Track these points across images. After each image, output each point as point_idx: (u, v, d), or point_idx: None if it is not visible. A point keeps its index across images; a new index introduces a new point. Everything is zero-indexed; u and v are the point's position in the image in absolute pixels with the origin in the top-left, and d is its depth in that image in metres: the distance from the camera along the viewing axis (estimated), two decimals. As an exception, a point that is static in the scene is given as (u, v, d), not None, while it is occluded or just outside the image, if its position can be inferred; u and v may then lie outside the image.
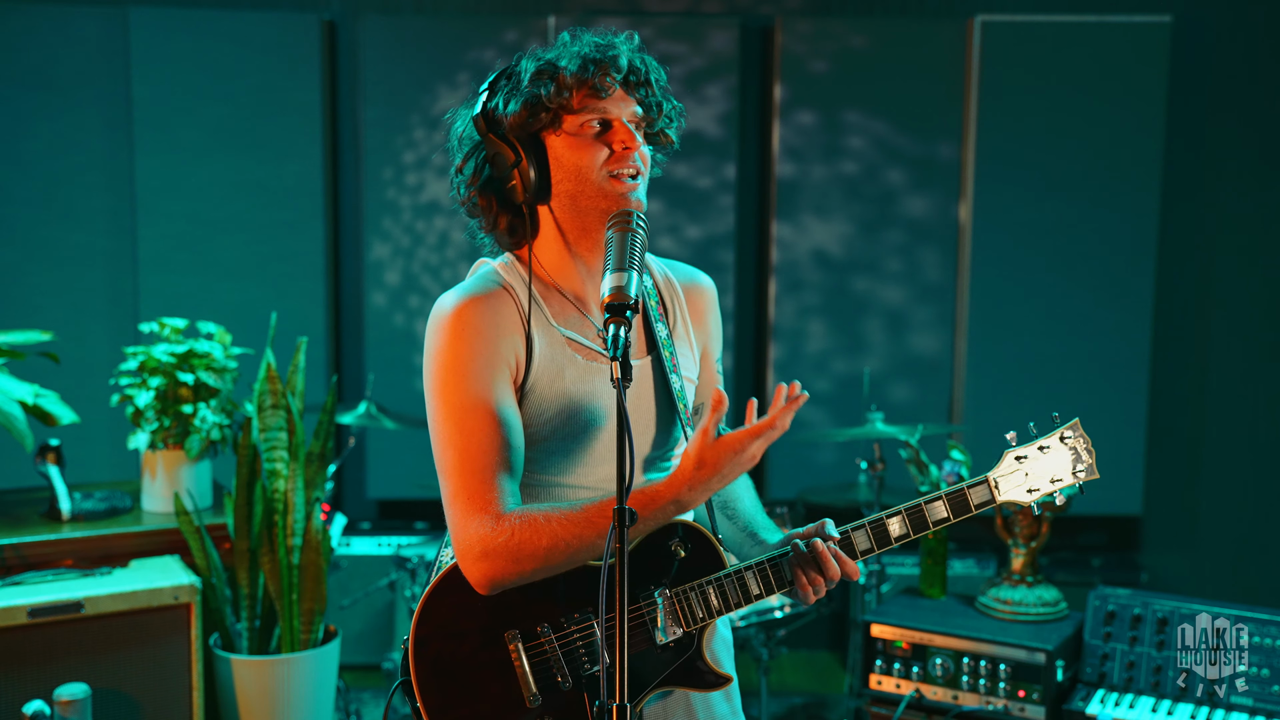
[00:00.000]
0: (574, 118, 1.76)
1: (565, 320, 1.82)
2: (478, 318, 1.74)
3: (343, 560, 4.42)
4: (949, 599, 3.19)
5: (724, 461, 1.63)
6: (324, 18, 4.68)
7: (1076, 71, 4.57)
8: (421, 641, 1.76)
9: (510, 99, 1.76)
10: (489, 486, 1.69)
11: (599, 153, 1.76)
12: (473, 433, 1.70)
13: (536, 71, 1.75)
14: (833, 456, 4.71)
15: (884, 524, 1.78)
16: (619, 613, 1.50)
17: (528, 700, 1.74)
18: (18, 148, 4.58)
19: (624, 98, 1.78)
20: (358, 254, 4.78)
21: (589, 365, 1.81)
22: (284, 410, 3.34)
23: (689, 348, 1.95)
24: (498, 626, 1.75)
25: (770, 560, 1.77)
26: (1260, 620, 2.70)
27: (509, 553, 1.66)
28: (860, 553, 1.78)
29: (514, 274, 1.83)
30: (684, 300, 1.96)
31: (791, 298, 4.73)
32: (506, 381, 1.75)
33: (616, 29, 1.84)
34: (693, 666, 1.77)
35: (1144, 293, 4.63)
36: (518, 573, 1.68)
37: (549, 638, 1.75)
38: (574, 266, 1.84)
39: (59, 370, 3.73)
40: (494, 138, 1.78)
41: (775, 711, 4.28)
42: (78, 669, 2.96)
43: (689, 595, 1.75)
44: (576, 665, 1.75)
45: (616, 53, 1.76)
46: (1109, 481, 4.77)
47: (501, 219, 1.83)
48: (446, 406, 1.72)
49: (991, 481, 1.79)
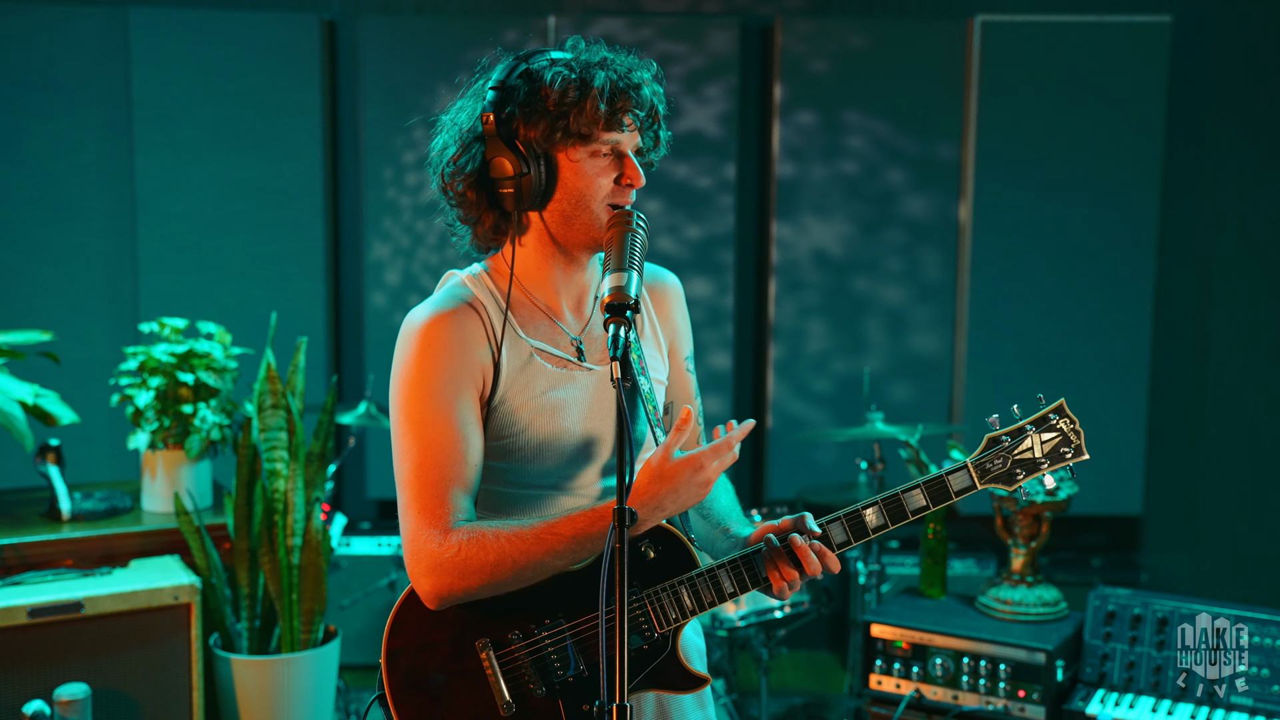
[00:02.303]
0: (590, 144, 1.75)
1: (535, 330, 1.83)
2: (445, 334, 1.74)
3: (343, 560, 4.42)
4: (949, 599, 3.19)
5: (680, 477, 1.64)
6: (324, 18, 4.68)
7: (1076, 71, 4.57)
8: (394, 654, 1.77)
9: (530, 112, 1.74)
10: (441, 501, 1.70)
11: (604, 183, 1.77)
12: (430, 447, 1.71)
13: (563, 90, 1.72)
14: (833, 456, 4.71)
15: (860, 515, 1.76)
16: (619, 614, 1.50)
17: (501, 709, 1.74)
18: (18, 148, 4.58)
19: (634, 129, 1.79)
20: (358, 254, 4.78)
21: (559, 373, 1.81)
22: (284, 410, 3.34)
23: (656, 349, 1.96)
24: (468, 636, 1.76)
25: (743, 557, 1.76)
26: (1260, 620, 2.70)
27: (455, 568, 1.67)
28: (837, 545, 1.76)
29: (482, 287, 1.83)
30: (649, 301, 1.97)
31: (791, 298, 4.73)
32: (470, 399, 1.75)
33: (626, 44, 1.84)
34: (668, 668, 1.77)
35: (1144, 293, 4.63)
36: (464, 588, 1.68)
37: (519, 645, 1.76)
38: (550, 275, 1.84)
39: (59, 370, 3.73)
40: (501, 142, 1.75)
41: (775, 711, 4.28)
42: (78, 669, 2.96)
43: (660, 596, 1.75)
44: (549, 672, 1.75)
45: (638, 82, 1.76)
46: (1109, 481, 4.80)
47: (487, 217, 1.82)
48: (408, 420, 1.73)
49: (971, 467, 1.75)
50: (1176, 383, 4.84)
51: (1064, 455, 1.75)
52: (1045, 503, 2.94)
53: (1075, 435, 1.75)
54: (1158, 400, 4.79)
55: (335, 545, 3.61)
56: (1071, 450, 1.75)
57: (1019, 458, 1.75)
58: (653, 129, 1.83)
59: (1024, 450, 1.75)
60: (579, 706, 1.75)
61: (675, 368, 2.00)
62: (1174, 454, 4.85)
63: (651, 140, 1.84)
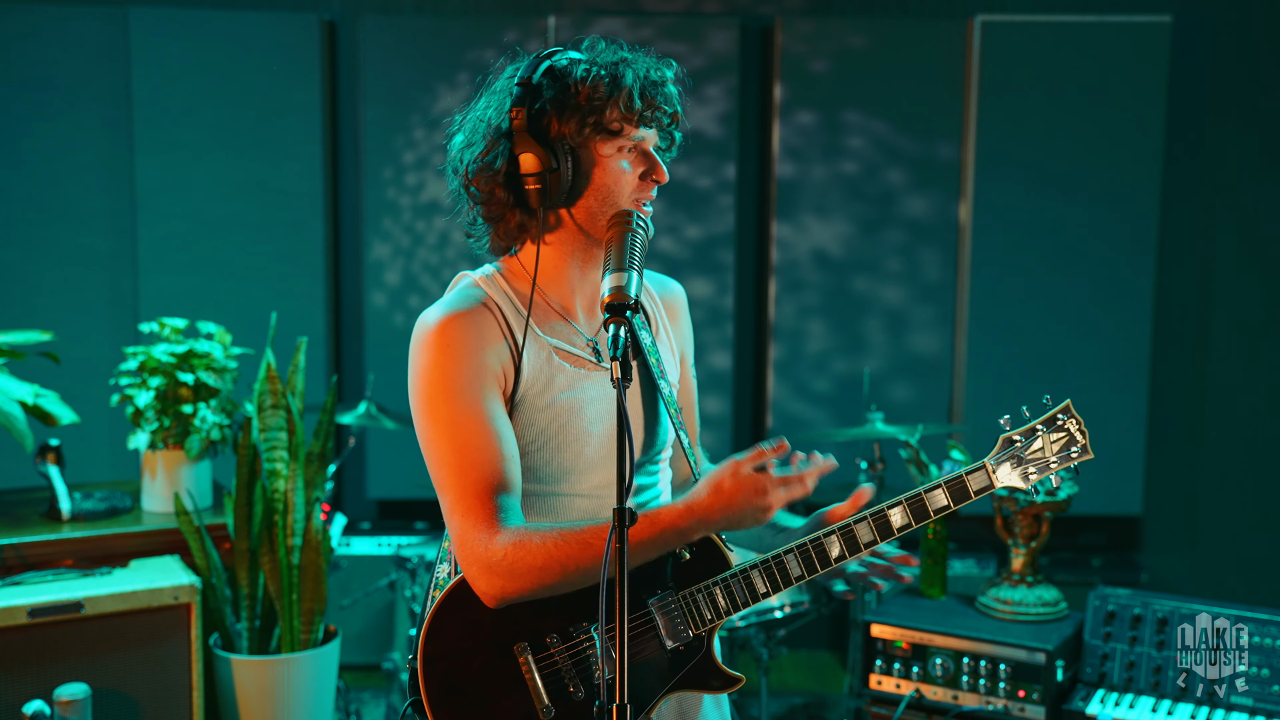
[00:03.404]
0: (617, 140, 1.76)
1: (551, 329, 1.82)
2: (461, 332, 1.73)
3: (343, 560, 4.42)
4: (949, 599, 3.19)
5: (739, 495, 1.66)
6: (324, 18, 4.68)
7: (1076, 71, 4.57)
8: (430, 660, 1.75)
9: (563, 108, 1.74)
10: (485, 502, 1.69)
11: (630, 179, 1.78)
12: (464, 447, 1.70)
13: (594, 86, 1.73)
14: (832, 456, 4.70)
15: (885, 515, 1.80)
16: (619, 617, 1.50)
17: (540, 712, 1.73)
18: (18, 148, 4.58)
19: (658, 127, 1.80)
20: (358, 254, 4.78)
21: (577, 373, 1.81)
22: (284, 410, 3.34)
23: (671, 353, 1.97)
24: (506, 640, 1.75)
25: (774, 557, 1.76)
26: (1260, 620, 2.70)
27: (506, 569, 1.66)
28: (864, 545, 1.78)
29: (495, 288, 1.82)
30: (662, 308, 1.99)
31: (791, 298, 4.73)
32: (496, 394, 1.75)
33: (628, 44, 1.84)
34: (703, 669, 1.77)
35: (1144, 293, 4.63)
36: (517, 589, 1.68)
37: (558, 648, 1.75)
38: (566, 276, 1.84)
39: (59, 370, 3.73)
40: (530, 138, 1.74)
41: (775, 711, 4.28)
42: (78, 669, 2.95)
43: (696, 597, 1.75)
44: (588, 674, 1.75)
45: (662, 80, 1.78)
46: (1109, 481, 4.80)
47: (513, 216, 1.80)
48: (438, 423, 1.72)
49: (989, 467, 1.79)
50: (1176, 383, 4.84)
51: (1071, 455, 1.79)
52: (1045, 503, 2.94)
53: (1081, 435, 1.79)
54: (1158, 400, 4.78)
55: (335, 545, 3.60)
56: (1078, 449, 1.79)
57: (1031, 457, 1.79)
58: (672, 128, 1.83)
59: (1035, 450, 1.79)
60: None
61: (684, 375, 2.02)
62: (1174, 454, 4.85)
63: (668, 140, 1.85)
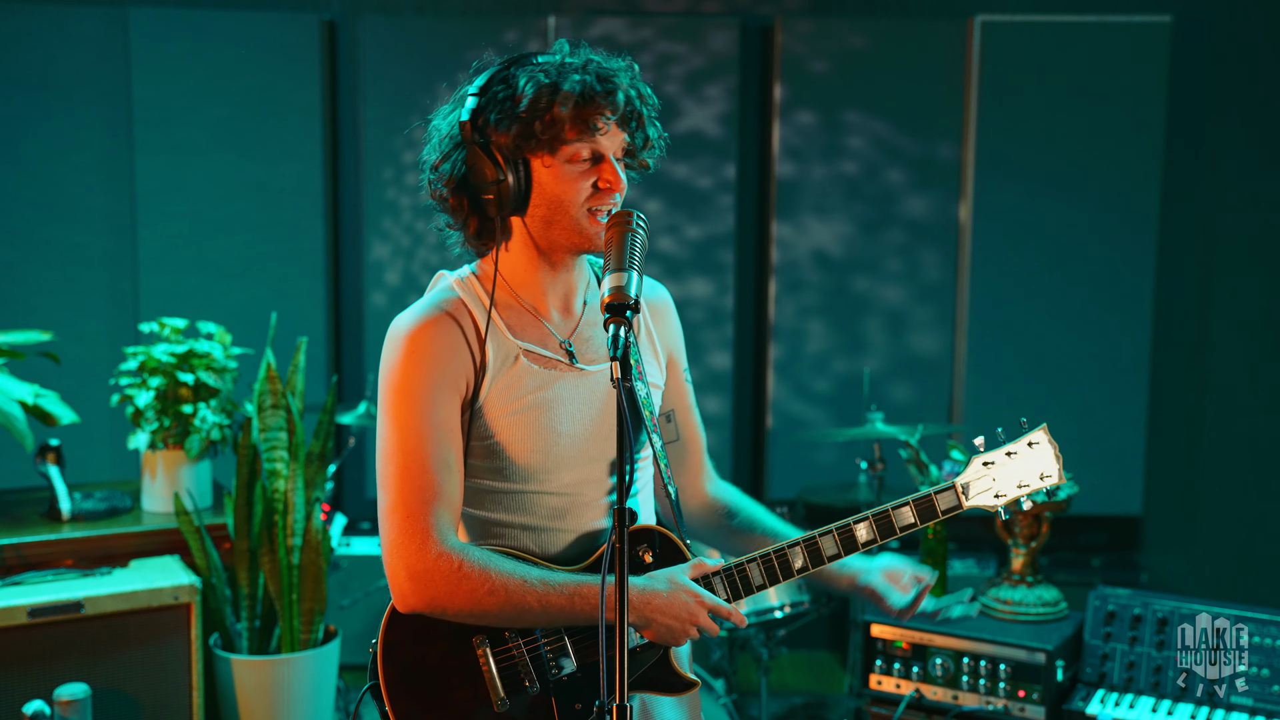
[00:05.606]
0: (565, 148, 1.75)
1: (523, 331, 1.83)
2: (430, 342, 1.76)
3: (343, 560, 4.42)
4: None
5: (677, 602, 1.73)
6: (324, 18, 4.68)
7: (1076, 71, 4.57)
8: (390, 646, 1.77)
9: (502, 118, 1.74)
10: (426, 509, 1.71)
11: (583, 187, 1.77)
12: (416, 452, 1.73)
13: (534, 96, 1.72)
14: (833, 456, 4.71)
15: (851, 530, 1.83)
16: (619, 620, 1.52)
17: (495, 704, 1.76)
18: (18, 148, 4.58)
19: (616, 131, 1.78)
20: (358, 254, 4.78)
21: (547, 374, 1.82)
22: (284, 410, 3.34)
23: (654, 357, 1.98)
24: (465, 631, 1.77)
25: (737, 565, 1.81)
26: (1260, 620, 2.70)
27: (428, 579, 1.69)
28: (827, 557, 1.83)
29: (468, 290, 1.84)
30: (646, 311, 1.99)
31: (791, 298, 4.73)
32: (455, 407, 1.77)
33: (619, 47, 1.84)
34: (661, 670, 1.81)
35: (1144, 293, 4.63)
36: (428, 603, 1.71)
37: (517, 643, 1.78)
38: (536, 277, 1.85)
39: (59, 370, 3.73)
40: (478, 149, 1.76)
41: (775, 711, 4.28)
42: (78, 669, 2.95)
43: None
44: (544, 670, 1.78)
45: (615, 86, 1.75)
46: (1109, 481, 4.79)
47: (471, 221, 1.84)
48: (396, 426, 1.74)
49: (958, 487, 1.83)
50: (1176, 383, 4.84)
51: (1044, 479, 1.84)
52: (1045, 503, 2.94)
53: (1056, 460, 1.84)
54: (1158, 400, 4.78)
55: (335, 545, 3.60)
56: (1053, 474, 1.84)
57: (1003, 480, 1.84)
58: (637, 129, 1.81)
59: (1007, 473, 1.84)
60: (571, 705, 1.78)
61: (676, 379, 2.02)
62: (1174, 454, 4.85)
63: (642, 139, 1.82)
